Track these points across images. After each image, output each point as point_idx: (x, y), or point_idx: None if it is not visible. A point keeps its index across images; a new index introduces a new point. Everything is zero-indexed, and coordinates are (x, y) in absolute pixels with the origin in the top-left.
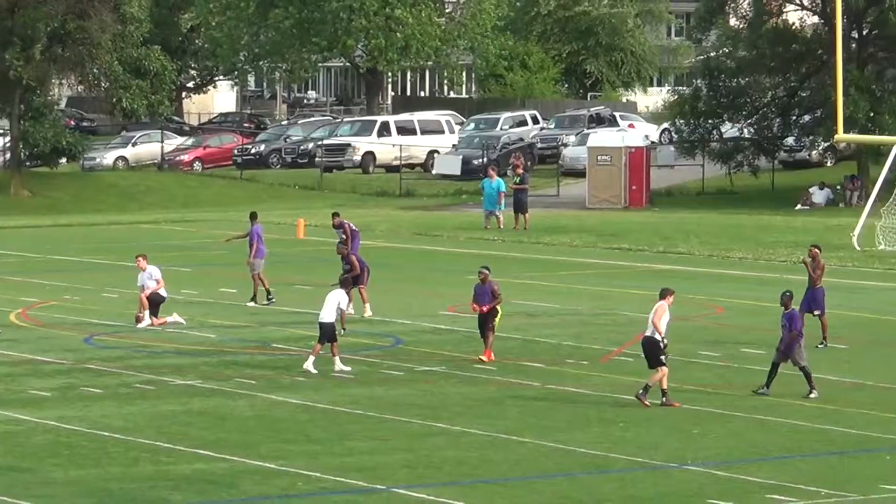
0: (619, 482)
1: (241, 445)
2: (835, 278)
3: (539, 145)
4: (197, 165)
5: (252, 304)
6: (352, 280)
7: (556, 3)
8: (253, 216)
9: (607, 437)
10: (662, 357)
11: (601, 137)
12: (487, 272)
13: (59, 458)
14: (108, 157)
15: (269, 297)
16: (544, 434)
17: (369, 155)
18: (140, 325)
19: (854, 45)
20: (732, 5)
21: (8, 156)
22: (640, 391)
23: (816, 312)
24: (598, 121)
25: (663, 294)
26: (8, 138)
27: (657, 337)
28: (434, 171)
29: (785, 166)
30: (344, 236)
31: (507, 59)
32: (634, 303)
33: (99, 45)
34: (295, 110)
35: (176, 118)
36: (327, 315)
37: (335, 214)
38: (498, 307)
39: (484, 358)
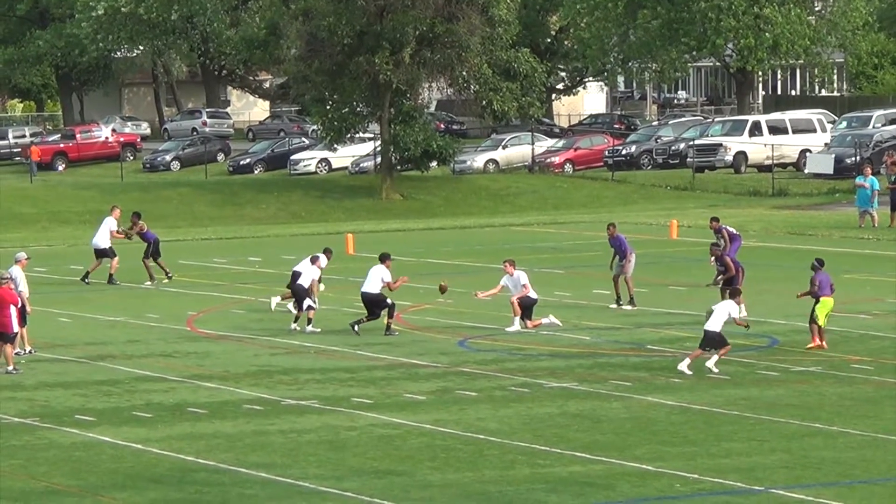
0: None
1: (618, 447)
2: None
3: None
4: (568, 167)
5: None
6: (726, 281)
7: None
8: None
9: None
10: None
11: None
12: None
13: (436, 461)
14: (479, 160)
15: (619, 301)
16: None
17: (741, 155)
18: (509, 329)
19: None
20: None
21: (379, 160)
22: None
23: None
24: None
25: None
26: (379, 142)
27: None
28: (806, 170)
29: None
30: (723, 241)
31: (878, 56)
32: None
33: (468, 47)
34: (665, 110)
35: (546, 120)
36: (714, 324)
37: (714, 219)
38: (822, 299)
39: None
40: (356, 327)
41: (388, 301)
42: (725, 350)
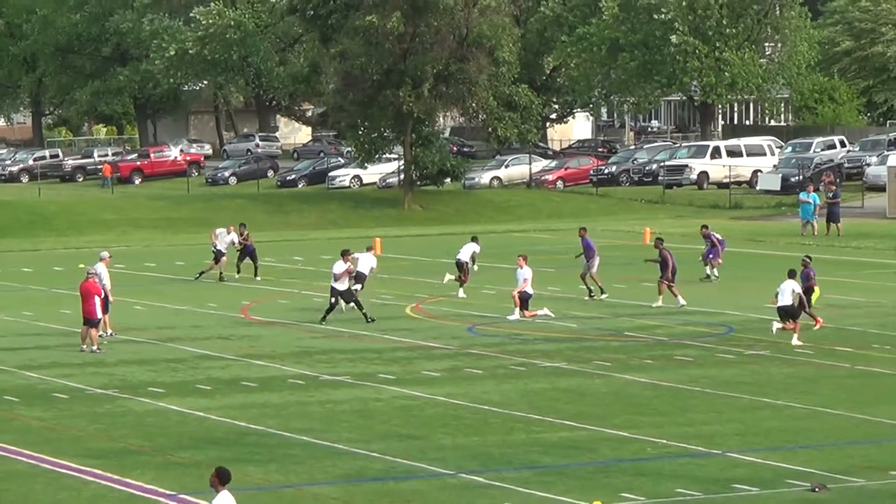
0: None
1: (599, 417)
2: None
3: (846, 165)
4: (559, 184)
5: (602, 297)
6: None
7: (853, 44)
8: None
9: None
10: None
11: None
12: (808, 260)
13: (448, 427)
14: (485, 177)
15: (591, 294)
16: (854, 407)
17: (703, 174)
18: (510, 318)
19: None
20: None
21: (402, 176)
22: None
23: None
24: None
25: None
26: (402, 162)
27: None
28: (758, 187)
29: None
30: (710, 244)
31: (818, 92)
32: None
33: (477, 83)
34: (641, 137)
35: (541, 144)
36: (785, 300)
37: (704, 227)
38: (815, 287)
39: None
40: (367, 318)
41: (332, 300)
42: (796, 324)
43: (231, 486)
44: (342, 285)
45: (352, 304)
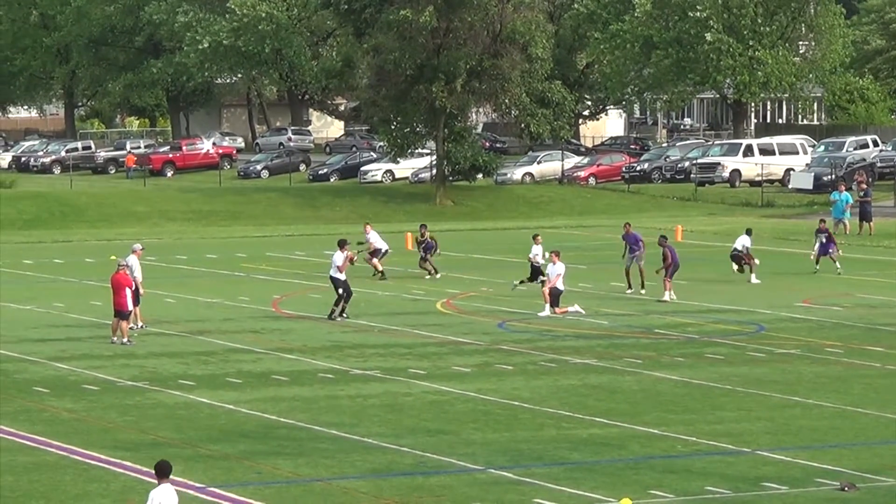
0: None
1: (629, 414)
2: None
3: (878, 164)
4: (591, 180)
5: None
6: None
7: (884, 43)
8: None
9: None
10: None
11: None
12: None
13: (478, 423)
14: (517, 173)
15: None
16: (884, 407)
17: (736, 172)
18: (541, 315)
19: None
20: None
21: (434, 171)
22: None
23: None
24: None
25: None
26: (434, 157)
27: None
28: (790, 186)
29: None
30: (825, 238)
31: (850, 92)
32: None
33: (510, 79)
34: (673, 134)
35: (574, 141)
36: None
37: (822, 221)
38: None
39: None
40: (342, 314)
41: (340, 291)
42: None
43: (261, 480)
44: (344, 275)
45: (344, 296)
